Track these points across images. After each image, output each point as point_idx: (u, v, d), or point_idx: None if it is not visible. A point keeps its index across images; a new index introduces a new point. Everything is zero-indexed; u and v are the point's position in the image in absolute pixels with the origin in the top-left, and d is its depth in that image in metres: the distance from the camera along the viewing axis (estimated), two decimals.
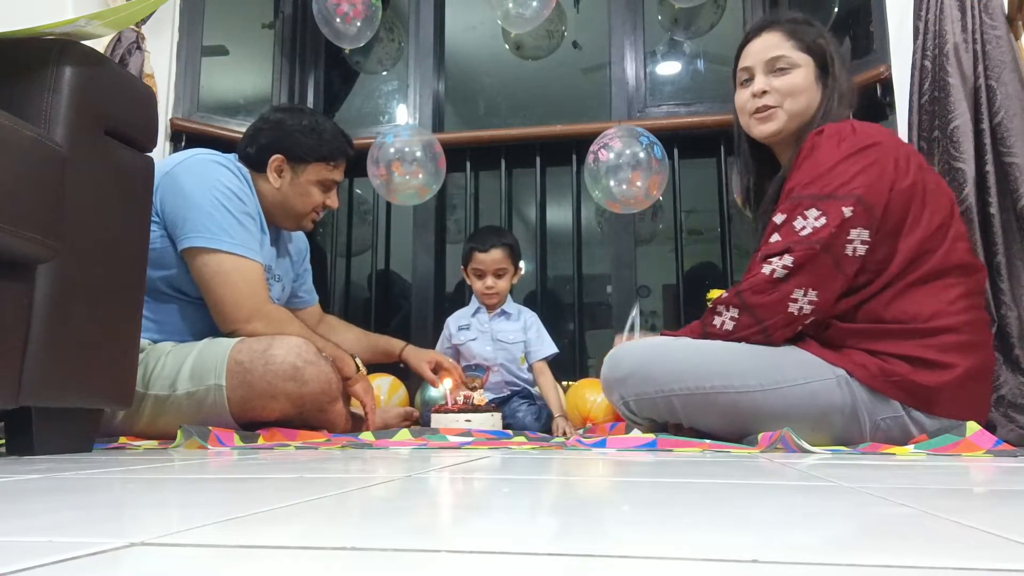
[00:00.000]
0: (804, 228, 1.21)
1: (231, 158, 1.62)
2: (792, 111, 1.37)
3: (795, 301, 1.21)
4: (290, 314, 1.61)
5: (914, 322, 1.21)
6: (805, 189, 1.24)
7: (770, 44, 1.39)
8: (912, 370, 1.19)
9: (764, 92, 1.38)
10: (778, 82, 1.38)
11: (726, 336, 1.27)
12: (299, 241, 1.89)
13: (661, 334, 1.44)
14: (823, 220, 1.21)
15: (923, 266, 1.24)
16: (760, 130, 1.40)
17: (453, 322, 2.17)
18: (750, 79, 1.42)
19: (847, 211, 1.20)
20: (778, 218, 1.25)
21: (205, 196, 1.50)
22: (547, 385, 2.08)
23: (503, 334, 2.12)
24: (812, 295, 1.21)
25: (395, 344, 1.99)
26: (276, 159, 1.64)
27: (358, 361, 1.66)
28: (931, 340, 1.20)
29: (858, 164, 1.23)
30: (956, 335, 1.21)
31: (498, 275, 2.10)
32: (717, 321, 1.28)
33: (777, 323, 1.23)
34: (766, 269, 1.23)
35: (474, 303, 2.18)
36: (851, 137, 1.25)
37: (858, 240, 1.21)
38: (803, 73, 1.37)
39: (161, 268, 1.50)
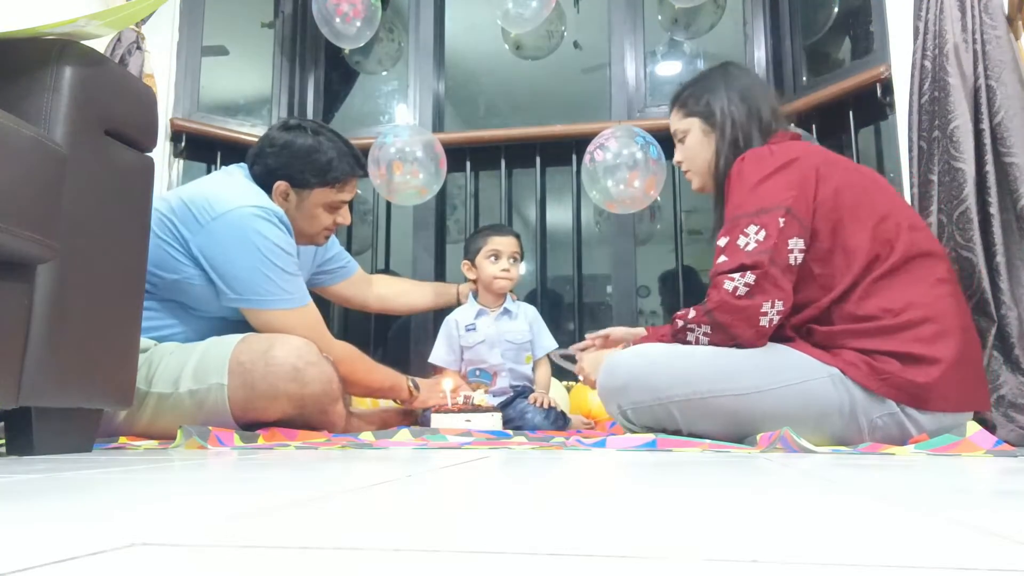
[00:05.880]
0: (748, 244, 1.27)
1: (268, 202, 1.56)
2: (696, 169, 1.53)
3: (765, 314, 1.25)
4: (354, 349, 1.67)
5: (888, 316, 1.23)
6: (738, 210, 1.30)
7: (671, 121, 1.57)
8: (902, 367, 1.20)
9: (680, 161, 1.57)
10: (679, 151, 1.55)
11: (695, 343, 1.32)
12: None
13: (646, 330, 1.50)
14: (763, 233, 1.26)
15: (887, 260, 1.26)
16: (693, 188, 1.59)
17: (460, 320, 2.10)
18: None
19: (781, 221, 1.26)
20: (722, 241, 1.31)
21: (256, 256, 1.49)
22: (544, 375, 2.12)
23: (511, 335, 2.08)
24: (779, 305, 1.26)
25: (451, 286, 2.23)
26: (280, 185, 1.62)
27: (411, 384, 1.78)
28: (912, 333, 1.22)
29: (781, 180, 1.29)
30: (935, 324, 1.23)
31: (513, 258, 2.10)
32: (691, 337, 1.31)
33: (750, 336, 1.27)
34: (728, 286, 1.26)
35: (473, 305, 2.12)
36: (769, 158, 1.33)
37: (796, 249, 1.27)
38: (692, 136, 1.51)
39: (188, 296, 1.52)
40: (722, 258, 1.29)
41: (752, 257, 1.25)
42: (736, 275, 1.25)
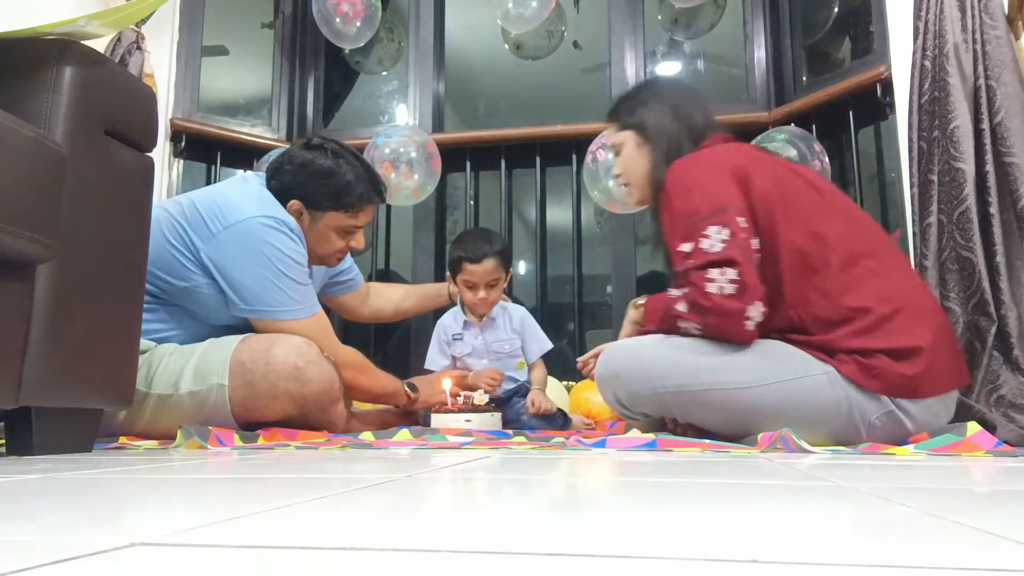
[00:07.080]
0: (714, 245, 1.25)
1: (281, 213, 1.54)
2: (634, 181, 1.53)
3: (749, 319, 1.24)
4: (360, 355, 1.65)
5: (865, 314, 1.23)
6: (691, 216, 1.28)
7: (607, 135, 1.57)
8: (892, 362, 1.21)
9: (618, 175, 1.57)
10: (617, 164, 1.56)
11: (687, 334, 1.31)
12: None
13: (646, 299, 1.48)
14: (726, 232, 1.25)
15: (832, 258, 1.27)
16: (632, 202, 1.60)
17: (448, 328, 2.08)
18: None
19: (741, 221, 1.26)
20: (685, 246, 1.28)
21: (266, 266, 1.48)
22: (539, 376, 2.06)
23: (497, 344, 2.04)
24: (759, 307, 1.24)
25: (442, 287, 2.19)
26: (294, 204, 1.59)
27: (407, 387, 1.77)
28: (890, 325, 1.22)
29: (718, 182, 1.30)
30: (906, 312, 1.24)
31: (490, 286, 1.99)
32: (683, 325, 1.30)
33: (739, 339, 1.27)
34: (712, 288, 1.23)
35: (460, 314, 2.07)
36: (699, 162, 1.36)
37: (755, 246, 1.27)
38: (627, 148, 1.52)
39: (196, 304, 1.51)
40: (690, 261, 1.27)
41: (722, 255, 1.24)
42: (713, 271, 1.24)
